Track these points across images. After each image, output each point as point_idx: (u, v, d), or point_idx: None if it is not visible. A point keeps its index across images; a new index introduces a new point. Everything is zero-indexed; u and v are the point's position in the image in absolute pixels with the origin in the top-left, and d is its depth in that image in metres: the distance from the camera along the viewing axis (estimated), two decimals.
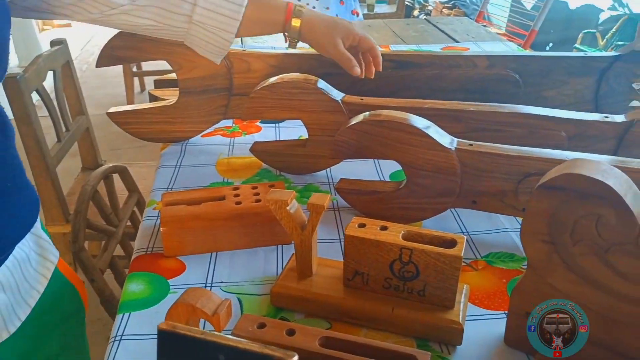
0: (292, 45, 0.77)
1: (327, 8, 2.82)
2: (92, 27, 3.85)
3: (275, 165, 0.80)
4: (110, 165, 0.97)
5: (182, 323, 0.42)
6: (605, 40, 2.76)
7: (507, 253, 0.63)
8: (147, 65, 2.70)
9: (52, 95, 1.26)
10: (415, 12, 4.65)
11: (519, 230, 0.47)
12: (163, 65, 0.99)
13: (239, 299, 0.56)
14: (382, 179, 0.79)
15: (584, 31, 2.87)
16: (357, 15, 3.00)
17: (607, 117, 0.68)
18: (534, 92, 0.84)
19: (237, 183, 0.77)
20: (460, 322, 0.50)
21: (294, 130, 0.91)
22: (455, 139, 0.63)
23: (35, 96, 1.18)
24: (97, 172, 0.92)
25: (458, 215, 0.69)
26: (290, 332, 0.46)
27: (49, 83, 1.23)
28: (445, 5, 3.93)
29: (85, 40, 4.12)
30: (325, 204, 0.51)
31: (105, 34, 0.85)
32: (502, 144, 0.69)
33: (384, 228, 0.51)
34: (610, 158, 0.60)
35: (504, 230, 0.67)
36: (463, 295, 0.52)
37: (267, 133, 0.92)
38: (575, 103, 0.84)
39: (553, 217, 0.43)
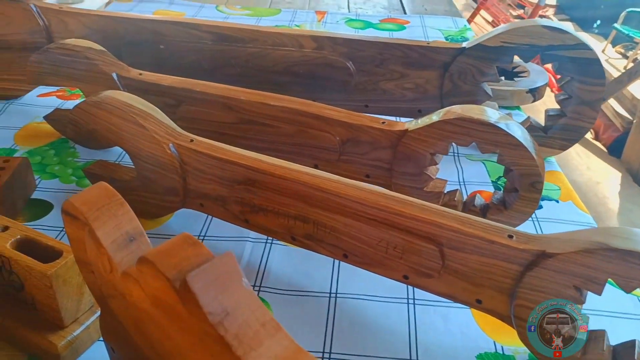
0: None
1: None
2: None
3: (68, 135, 0.74)
4: None
5: None
6: None
7: None
8: None
9: None
10: None
11: None
12: None
13: None
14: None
15: (628, 10, 2.53)
16: None
17: (384, 122, 0.58)
18: (369, 82, 0.73)
19: (22, 152, 0.72)
20: (62, 345, 0.44)
21: None
22: (178, 132, 0.55)
23: None
24: None
25: None
26: None
27: None
28: None
29: None
30: None
31: None
32: (271, 140, 0.61)
33: (4, 229, 0.46)
34: None
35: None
36: (95, 313, 0.46)
37: None
38: (418, 99, 0.73)
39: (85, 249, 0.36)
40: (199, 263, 0.25)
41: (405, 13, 1.30)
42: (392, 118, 0.72)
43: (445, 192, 0.59)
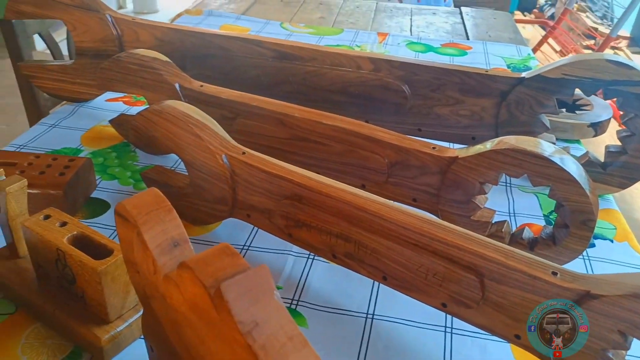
0: None
1: None
2: None
3: (130, 140, 0.78)
4: None
5: None
6: None
7: None
8: None
9: None
10: (542, 1, 4.25)
11: None
12: None
13: None
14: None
15: None
16: (445, 0, 2.81)
17: (435, 147, 0.58)
18: (424, 106, 0.73)
19: (86, 152, 0.77)
20: (105, 339, 0.46)
21: None
22: (232, 144, 0.57)
23: None
24: None
25: None
26: None
27: None
28: None
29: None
30: (11, 188, 0.49)
31: None
32: (322, 158, 0.62)
33: (63, 224, 0.48)
34: None
35: None
36: (139, 312, 0.48)
37: None
38: (472, 126, 0.72)
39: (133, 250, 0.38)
40: (234, 273, 0.26)
41: (468, 38, 1.29)
42: (445, 143, 0.72)
43: (493, 222, 0.58)
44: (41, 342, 0.48)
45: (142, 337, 0.49)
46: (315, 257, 0.59)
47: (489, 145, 0.55)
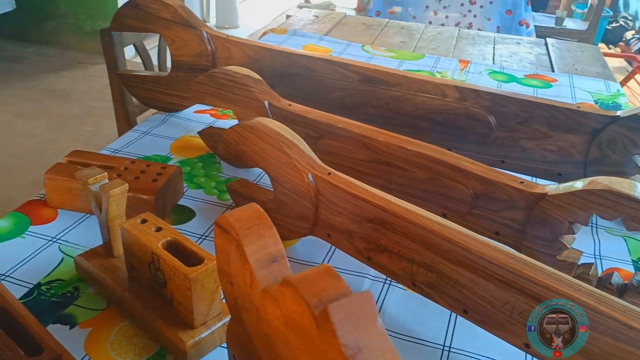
0: None
1: (489, 19, 2.64)
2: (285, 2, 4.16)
3: (214, 150, 0.81)
4: None
5: None
6: None
7: None
8: None
9: None
10: (629, 35, 4.08)
11: None
12: None
13: (63, 258, 0.60)
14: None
15: None
16: (527, 27, 2.75)
17: (522, 182, 0.57)
18: (509, 139, 0.72)
19: (175, 160, 0.80)
20: (189, 344, 0.48)
21: None
22: (318, 164, 0.59)
23: None
24: None
25: None
26: None
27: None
28: None
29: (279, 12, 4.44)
30: (114, 191, 0.52)
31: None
32: (402, 184, 0.63)
33: (158, 229, 0.51)
34: None
35: None
36: (221, 321, 0.50)
37: None
38: (559, 162, 0.70)
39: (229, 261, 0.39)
40: (337, 295, 0.27)
41: (553, 70, 1.26)
42: (528, 178, 0.70)
43: (579, 263, 0.56)
44: (128, 340, 0.51)
45: (223, 345, 0.50)
46: (392, 283, 0.59)
47: (580, 184, 0.53)
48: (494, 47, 1.40)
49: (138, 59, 1.39)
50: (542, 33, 2.77)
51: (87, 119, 2.30)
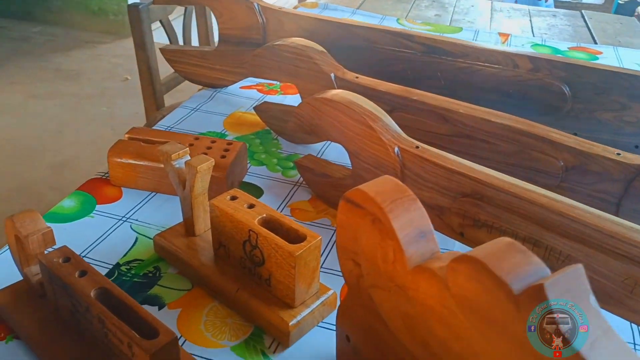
0: None
1: None
2: None
3: (272, 127, 0.79)
4: None
5: (12, 236, 0.46)
6: None
7: None
8: None
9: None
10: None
11: None
12: None
13: (137, 237, 0.58)
14: None
15: None
16: (547, 0, 2.71)
17: (619, 154, 0.54)
18: (585, 111, 0.69)
19: (231, 137, 0.78)
20: (292, 324, 0.46)
21: None
22: (404, 137, 0.56)
23: None
24: None
25: None
26: None
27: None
28: None
29: None
30: (202, 167, 0.50)
31: None
32: (486, 157, 0.60)
33: (251, 206, 0.49)
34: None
35: None
36: (319, 299, 0.48)
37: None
38: (637, 134, 0.68)
39: (357, 237, 0.37)
40: (535, 271, 0.25)
41: (595, 43, 1.23)
42: None
43: None
44: (222, 320, 0.49)
45: (322, 324, 0.48)
46: None
47: None
48: (530, 20, 1.36)
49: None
50: (559, 7, 2.72)
51: (100, 99, 2.26)
